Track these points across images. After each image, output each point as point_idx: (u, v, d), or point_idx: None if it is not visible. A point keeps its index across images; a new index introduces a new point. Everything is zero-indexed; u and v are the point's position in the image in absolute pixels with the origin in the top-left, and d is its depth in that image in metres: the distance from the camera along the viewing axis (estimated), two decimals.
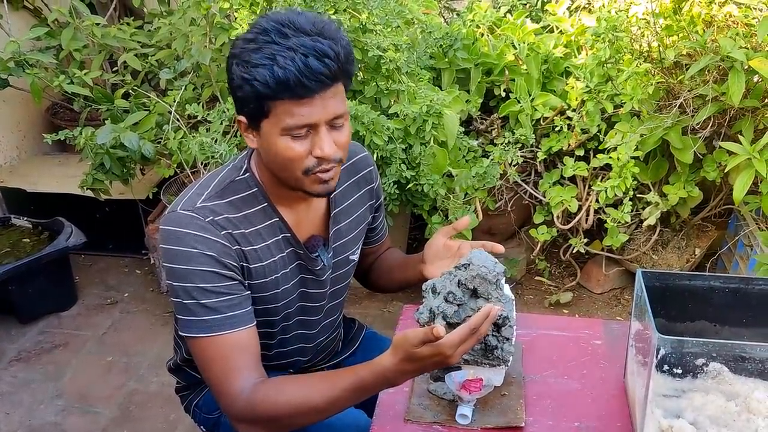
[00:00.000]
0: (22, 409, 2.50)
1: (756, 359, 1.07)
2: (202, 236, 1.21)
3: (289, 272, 1.35)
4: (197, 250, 1.20)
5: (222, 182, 1.29)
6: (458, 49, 2.78)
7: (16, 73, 2.76)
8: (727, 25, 2.38)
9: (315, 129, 1.17)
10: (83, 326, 2.96)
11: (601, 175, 2.74)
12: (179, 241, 1.21)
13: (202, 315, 1.21)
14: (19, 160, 3.69)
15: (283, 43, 1.11)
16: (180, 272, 1.21)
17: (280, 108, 1.14)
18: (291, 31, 1.12)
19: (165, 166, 2.71)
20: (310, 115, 1.15)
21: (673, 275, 1.29)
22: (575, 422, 1.25)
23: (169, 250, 1.22)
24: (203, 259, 1.20)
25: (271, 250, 1.31)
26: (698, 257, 2.97)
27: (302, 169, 1.20)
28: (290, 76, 1.10)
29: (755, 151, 2.25)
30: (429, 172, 2.42)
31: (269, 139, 1.19)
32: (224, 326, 1.21)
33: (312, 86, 1.12)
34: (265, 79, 1.11)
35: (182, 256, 1.20)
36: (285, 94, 1.12)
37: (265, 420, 1.20)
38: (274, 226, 1.31)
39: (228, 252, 1.23)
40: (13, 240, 3.05)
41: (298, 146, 1.18)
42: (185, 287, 1.21)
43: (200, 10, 2.37)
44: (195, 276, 1.20)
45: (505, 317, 1.23)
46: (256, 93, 1.13)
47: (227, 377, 1.20)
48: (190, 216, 1.22)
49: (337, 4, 2.28)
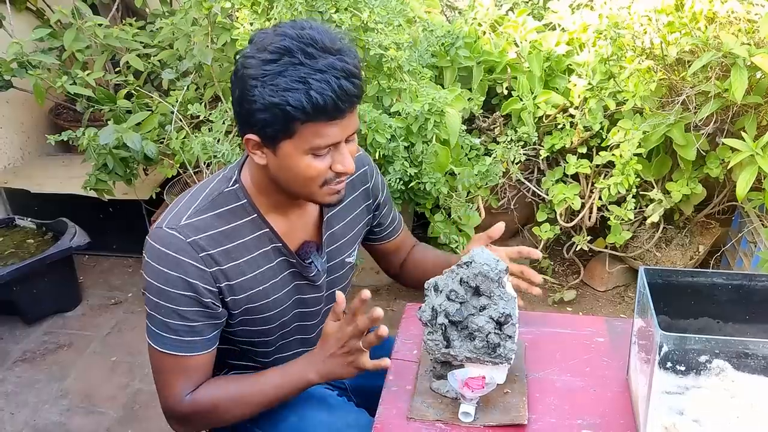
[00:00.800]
0: (26, 409, 2.51)
1: (759, 356, 1.07)
2: (180, 259, 1.22)
3: (280, 281, 1.35)
4: (174, 273, 1.22)
5: (211, 194, 1.29)
6: (460, 48, 2.78)
7: (20, 74, 2.76)
8: (729, 22, 2.37)
9: (336, 146, 1.19)
10: (87, 326, 2.97)
11: (604, 173, 2.74)
12: (159, 259, 1.23)
13: (163, 331, 1.26)
14: (23, 161, 3.70)
15: (310, 65, 1.10)
16: (154, 288, 1.24)
17: (308, 130, 1.14)
18: (315, 51, 1.11)
19: (168, 166, 2.72)
20: (336, 135, 1.17)
21: (675, 272, 1.29)
22: (578, 419, 1.25)
23: (149, 265, 1.24)
24: (178, 283, 1.23)
25: (257, 261, 1.31)
26: (702, 254, 2.97)
27: (320, 184, 1.22)
28: (328, 101, 1.10)
29: (758, 147, 2.24)
30: (431, 170, 2.42)
31: (289, 159, 1.18)
32: (180, 349, 1.26)
33: (345, 108, 1.13)
34: (300, 104, 1.10)
35: (159, 275, 1.23)
36: (319, 117, 1.12)
37: (199, 417, 1.30)
38: (263, 237, 1.31)
39: (203, 275, 1.24)
40: (17, 241, 3.06)
41: (319, 164, 1.19)
42: (156, 302, 1.25)
43: (202, 10, 2.38)
44: (167, 296, 1.23)
45: (507, 315, 1.23)
46: (286, 116, 1.12)
47: (171, 388, 1.28)
48: (172, 235, 1.23)
49: (338, 3, 2.28)
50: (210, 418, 1.30)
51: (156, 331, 1.26)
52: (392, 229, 1.63)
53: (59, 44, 2.92)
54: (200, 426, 1.33)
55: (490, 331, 1.23)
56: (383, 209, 1.57)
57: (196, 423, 1.32)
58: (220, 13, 2.36)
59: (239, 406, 1.28)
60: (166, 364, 1.28)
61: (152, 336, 1.27)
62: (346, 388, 1.60)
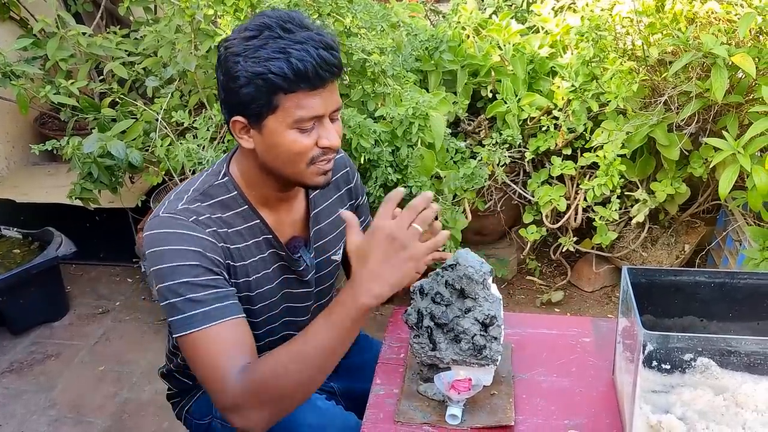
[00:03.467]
0: (14, 420, 2.49)
1: (743, 353, 1.08)
2: (187, 234, 1.21)
3: (271, 273, 1.36)
4: (182, 247, 1.20)
5: (201, 186, 1.30)
6: (444, 51, 2.79)
7: (3, 84, 2.75)
8: (709, 22, 2.40)
9: (320, 120, 1.21)
10: (75, 336, 2.95)
11: (589, 174, 2.76)
12: (163, 241, 1.21)
13: (190, 310, 1.18)
14: (8, 170, 3.67)
15: (289, 38, 1.14)
16: (166, 271, 1.19)
17: (290, 101, 1.16)
18: (294, 26, 1.16)
19: (153, 174, 2.71)
20: (320, 106, 1.18)
21: (659, 271, 1.30)
22: (565, 420, 1.25)
23: (154, 252, 1.21)
24: (189, 255, 1.20)
25: (251, 250, 1.32)
26: (688, 253, 2.99)
27: (307, 161, 1.22)
28: (309, 67, 1.13)
29: (740, 146, 2.27)
30: (417, 174, 2.43)
31: (275, 136, 1.20)
32: (213, 318, 1.17)
33: (326, 77, 1.16)
34: (282, 71, 1.13)
35: (167, 255, 1.20)
36: (302, 84, 1.15)
37: (256, 394, 1.13)
38: (255, 228, 1.32)
39: (214, 248, 1.23)
40: (3, 251, 3.04)
41: (305, 139, 1.20)
42: (171, 286, 1.19)
43: (185, 18, 2.37)
44: (181, 272, 1.19)
45: (492, 316, 1.24)
46: (270, 86, 1.14)
47: (217, 369, 1.15)
48: (172, 218, 1.23)
49: (321, 8, 2.28)
50: (266, 392, 1.13)
51: (183, 317, 1.18)
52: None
53: (43, 53, 2.90)
54: (257, 407, 1.14)
55: (476, 333, 1.23)
56: (360, 216, 1.57)
57: (252, 403, 1.14)
58: (203, 20, 2.35)
59: (297, 366, 1.12)
60: (204, 345, 1.17)
61: (181, 325, 1.18)
62: (335, 392, 1.61)
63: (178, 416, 1.61)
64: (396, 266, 1.07)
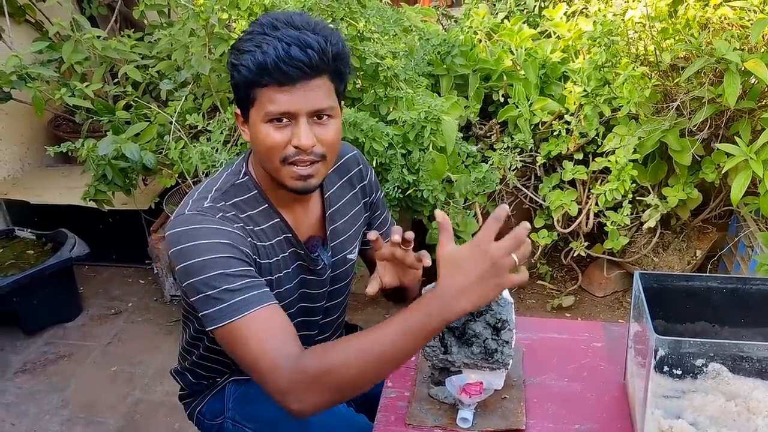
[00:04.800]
0: (27, 419, 2.51)
1: (754, 359, 1.08)
2: (216, 228, 1.22)
3: (291, 272, 1.37)
4: (213, 240, 1.20)
5: (223, 186, 1.31)
6: (456, 56, 2.80)
7: (19, 86, 2.78)
8: (722, 28, 2.40)
9: (296, 119, 1.20)
10: (88, 337, 2.98)
11: (600, 179, 2.75)
12: (193, 236, 1.20)
13: (228, 300, 1.16)
14: (23, 172, 3.71)
15: (271, 34, 1.17)
16: (198, 265, 1.18)
17: (264, 95, 1.19)
18: (282, 25, 1.18)
19: (167, 176, 2.73)
20: (289, 103, 1.18)
21: (671, 276, 1.30)
22: (576, 424, 1.26)
23: (183, 249, 1.20)
24: (220, 247, 1.20)
25: (274, 249, 1.33)
26: (699, 259, 2.98)
27: (280, 158, 1.22)
28: (269, 60, 1.15)
29: (752, 152, 2.26)
30: (428, 177, 2.43)
31: (254, 128, 1.23)
32: (253, 304, 1.16)
33: (291, 73, 1.16)
34: (248, 64, 1.17)
35: (198, 250, 1.19)
36: (265, 78, 1.17)
37: (323, 382, 1.09)
38: (276, 226, 1.33)
39: (244, 241, 1.24)
40: (17, 252, 3.07)
41: (278, 135, 1.21)
42: (205, 279, 1.18)
43: (199, 21, 2.39)
44: (214, 265, 1.18)
45: (504, 320, 1.24)
46: (243, 79, 1.19)
47: (267, 351, 1.12)
48: (200, 214, 1.24)
49: (334, 13, 2.30)
50: (335, 381, 1.10)
51: (221, 308, 1.16)
52: (383, 232, 1.62)
53: (58, 56, 2.93)
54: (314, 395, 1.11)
55: (488, 336, 1.24)
56: (376, 211, 1.59)
57: (318, 389, 1.10)
58: (217, 23, 2.37)
59: (370, 361, 1.08)
60: (247, 333, 1.15)
61: (220, 316, 1.17)
62: None
63: (190, 417, 1.62)
64: (486, 289, 1.05)
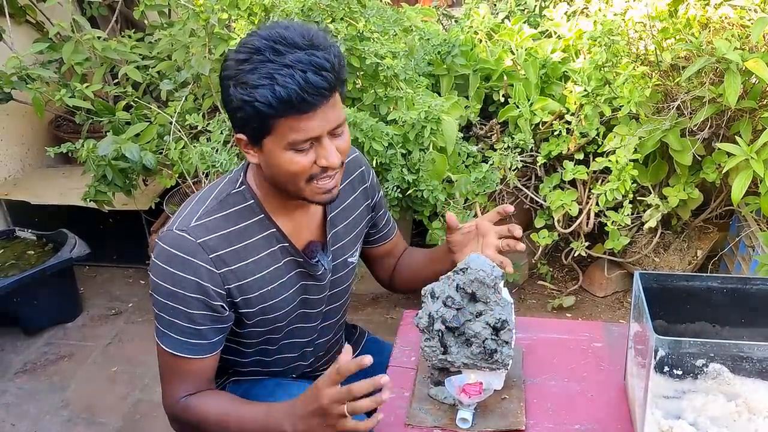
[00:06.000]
0: (27, 420, 2.51)
1: (755, 359, 1.07)
2: (190, 260, 1.24)
3: (288, 281, 1.37)
4: (183, 274, 1.24)
5: (219, 196, 1.31)
6: (456, 56, 2.79)
7: (19, 87, 2.78)
8: (722, 27, 2.40)
9: (318, 140, 1.20)
10: (88, 337, 2.98)
11: (601, 179, 2.75)
12: (169, 261, 1.25)
13: (170, 331, 1.28)
14: (23, 172, 3.71)
15: (278, 61, 1.12)
16: (163, 290, 1.26)
17: (283, 125, 1.16)
18: (284, 48, 1.13)
19: (167, 177, 2.73)
20: (313, 129, 1.17)
21: (671, 276, 1.30)
22: (576, 425, 1.25)
23: (158, 266, 1.26)
24: (187, 284, 1.24)
25: (266, 261, 1.33)
26: (700, 259, 2.97)
27: (305, 179, 1.23)
28: (292, 94, 1.11)
29: (753, 151, 2.26)
30: (428, 177, 2.43)
31: (273, 156, 1.20)
32: (183, 350, 1.29)
33: (314, 101, 1.13)
34: (267, 99, 1.12)
35: (168, 276, 1.25)
36: (288, 111, 1.13)
37: (186, 424, 1.33)
38: (271, 237, 1.33)
39: (212, 277, 1.26)
40: (18, 252, 3.07)
41: (302, 159, 1.20)
42: (164, 303, 1.27)
43: (199, 22, 2.39)
44: (176, 297, 1.25)
45: (503, 320, 1.24)
46: (258, 113, 1.14)
47: (171, 385, 1.32)
48: (182, 237, 1.25)
49: (334, 13, 2.29)
50: (193, 429, 1.34)
51: (163, 330, 1.29)
52: (387, 231, 1.64)
53: (58, 57, 2.94)
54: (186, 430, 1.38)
55: (487, 337, 1.23)
56: (379, 211, 1.59)
57: (185, 427, 1.36)
58: (217, 24, 2.38)
59: (220, 430, 1.29)
60: (169, 363, 1.31)
61: (159, 335, 1.30)
62: None
63: None
64: (317, 426, 1.17)
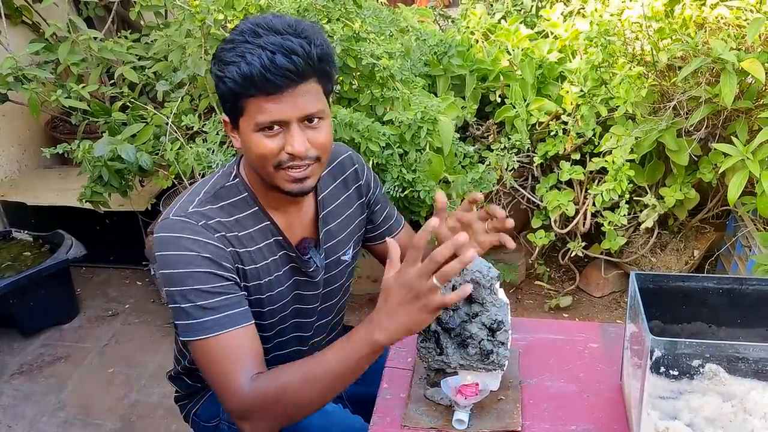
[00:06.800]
0: (24, 421, 2.50)
1: (751, 359, 1.07)
2: (196, 239, 1.22)
3: (282, 275, 1.37)
4: (192, 252, 1.21)
5: (212, 189, 1.31)
6: (453, 56, 2.79)
7: (15, 87, 2.77)
8: (718, 27, 2.40)
9: (287, 126, 1.20)
10: (85, 338, 2.97)
11: (597, 179, 2.75)
12: (173, 245, 1.22)
13: (200, 317, 1.21)
14: (20, 173, 3.70)
15: (254, 42, 1.15)
16: (176, 276, 1.22)
17: (252, 105, 1.17)
18: (263, 31, 1.16)
19: (163, 178, 2.72)
20: (279, 111, 1.17)
21: (667, 277, 1.30)
22: (572, 425, 1.25)
23: (165, 256, 1.23)
24: (199, 261, 1.21)
25: (263, 252, 1.33)
26: (697, 259, 2.98)
27: (273, 164, 1.22)
28: (254, 72, 1.13)
29: (749, 152, 2.26)
30: (425, 178, 2.43)
31: (245, 137, 1.22)
32: (223, 325, 1.21)
33: (278, 81, 1.14)
34: (233, 76, 1.15)
35: (178, 260, 1.22)
36: (252, 90, 1.15)
37: (267, 406, 1.17)
38: (266, 229, 1.33)
39: (223, 254, 1.24)
40: (14, 253, 3.06)
41: (270, 143, 1.20)
42: (182, 291, 1.21)
43: (195, 22, 2.39)
44: (191, 278, 1.21)
45: (500, 321, 1.23)
46: (229, 90, 1.17)
47: (228, 375, 1.19)
48: (182, 221, 1.24)
49: (330, 14, 2.29)
50: (277, 406, 1.17)
51: (192, 323, 1.21)
52: (388, 227, 1.61)
53: (54, 58, 2.93)
54: (267, 418, 1.19)
55: (483, 338, 1.23)
56: (375, 207, 1.57)
57: (263, 414, 1.18)
58: (213, 24, 2.37)
59: (307, 386, 1.16)
60: (214, 352, 1.20)
61: (190, 330, 1.21)
62: (342, 395, 1.61)
63: (186, 419, 1.62)
64: (410, 313, 1.08)
